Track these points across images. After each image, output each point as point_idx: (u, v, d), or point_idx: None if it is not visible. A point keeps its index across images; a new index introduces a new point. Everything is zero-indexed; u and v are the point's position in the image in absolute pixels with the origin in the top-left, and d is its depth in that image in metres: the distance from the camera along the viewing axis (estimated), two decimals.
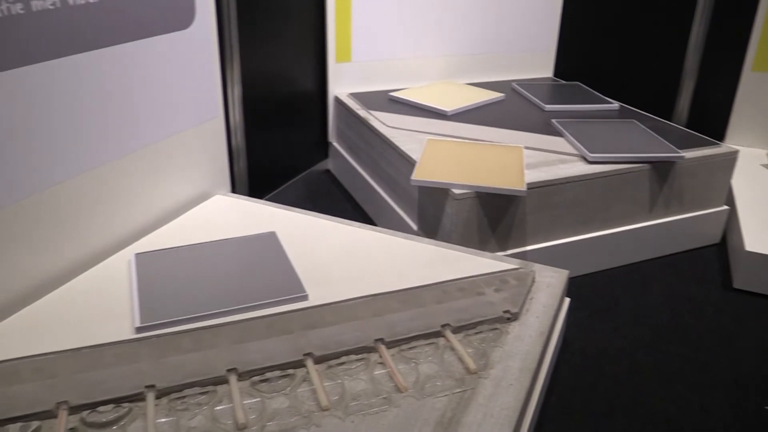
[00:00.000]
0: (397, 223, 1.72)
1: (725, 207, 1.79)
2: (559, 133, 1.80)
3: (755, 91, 2.18)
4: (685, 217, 1.74)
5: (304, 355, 0.98)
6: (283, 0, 1.92)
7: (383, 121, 1.89)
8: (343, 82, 2.19)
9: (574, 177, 1.54)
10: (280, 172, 2.11)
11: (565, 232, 1.60)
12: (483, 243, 1.50)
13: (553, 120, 1.89)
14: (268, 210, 1.47)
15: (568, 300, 1.31)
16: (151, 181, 1.36)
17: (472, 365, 0.98)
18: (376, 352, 1.00)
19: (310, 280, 1.17)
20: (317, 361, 0.98)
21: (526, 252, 1.56)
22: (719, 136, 2.24)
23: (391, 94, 2.13)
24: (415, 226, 1.63)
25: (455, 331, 1.06)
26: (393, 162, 1.74)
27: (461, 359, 0.99)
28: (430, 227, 1.55)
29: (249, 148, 1.87)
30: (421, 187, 1.55)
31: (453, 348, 1.02)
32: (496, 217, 1.48)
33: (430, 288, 1.16)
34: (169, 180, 1.41)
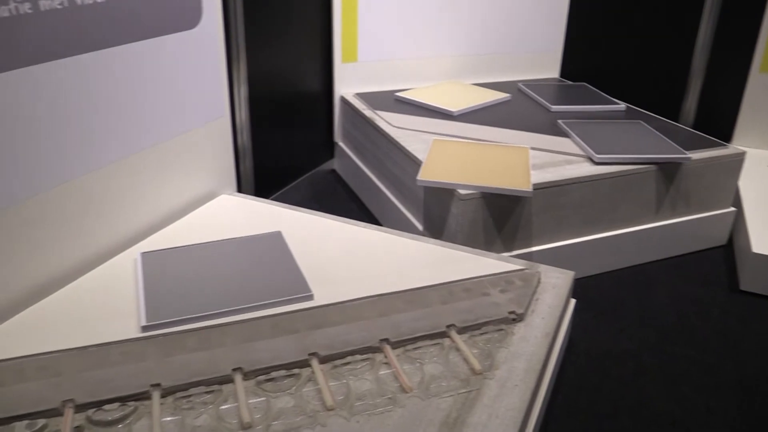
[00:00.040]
0: (402, 224, 1.72)
1: (732, 208, 1.79)
2: (566, 134, 1.80)
3: (763, 92, 2.17)
4: (692, 219, 1.73)
5: (309, 354, 0.98)
6: (290, 0, 1.93)
7: (389, 122, 1.89)
8: (349, 82, 2.19)
9: (580, 178, 1.53)
10: (286, 171, 2.11)
11: (571, 233, 1.59)
12: (488, 243, 1.49)
13: (560, 120, 1.88)
14: (273, 210, 1.47)
15: (573, 301, 1.31)
16: (157, 180, 1.37)
17: (477, 366, 0.97)
18: (382, 352, 1.01)
19: (315, 279, 1.17)
20: (322, 360, 0.98)
21: (531, 253, 1.55)
22: (726, 137, 2.23)
23: (397, 94, 2.13)
24: (420, 227, 1.63)
25: (460, 331, 1.06)
26: (399, 162, 1.74)
27: (466, 360, 0.99)
28: (436, 227, 1.55)
29: (255, 147, 1.87)
30: (426, 187, 1.55)
31: (458, 348, 1.02)
32: (501, 217, 1.48)
33: (436, 288, 1.16)
34: (176, 179, 1.42)
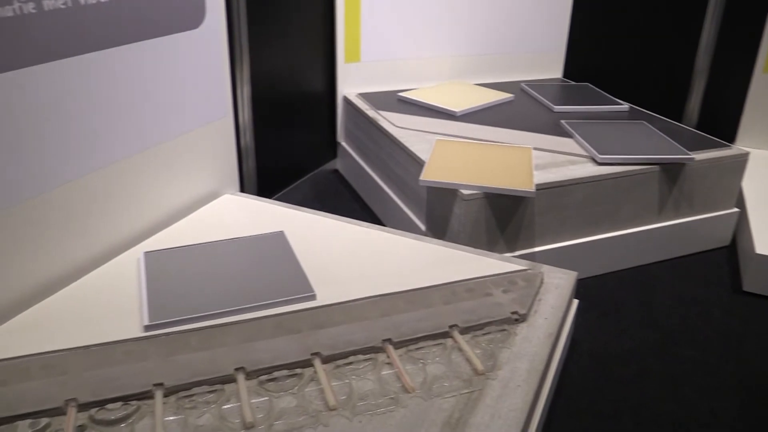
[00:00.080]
0: (405, 224, 1.72)
1: (735, 209, 1.78)
2: (569, 134, 1.80)
3: (766, 93, 2.16)
4: (695, 219, 1.73)
5: (311, 354, 0.98)
6: (293, 0, 1.93)
7: (392, 122, 1.89)
8: (352, 82, 2.19)
9: (583, 178, 1.53)
10: (289, 171, 2.12)
11: (573, 233, 1.59)
12: (491, 244, 1.49)
13: (563, 121, 1.88)
14: (276, 209, 1.47)
15: (576, 301, 1.31)
16: (160, 180, 1.37)
17: (479, 366, 0.97)
18: (384, 352, 1.01)
19: (318, 279, 1.17)
20: (325, 360, 0.98)
21: (534, 253, 1.55)
22: (730, 137, 2.23)
23: (400, 94, 2.13)
24: (423, 227, 1.63)
25: (463, 331, 1.06)
26: (402, 162, 1.74)
27: (469, 360, 0.99)
28: (439, 228, 1.55)
29: (258, 147, 1.87)
30: (429, 187, 1.55)
31: (461, 349, 1.02)
32: (504, 217, 1.48)
33: (438, 288, 1.16)
34: (178, 179, 1.42)
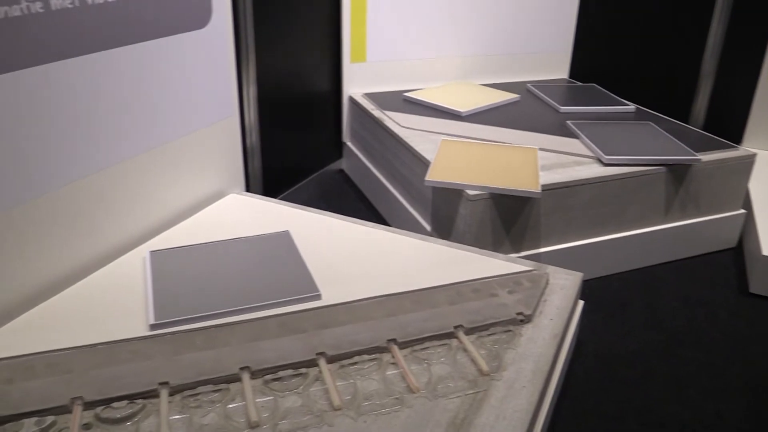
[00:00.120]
0: (410, 224, 1.72)
1: (742, 211, 1.78)
2: (575, 135, 1.79)
3: None
4: (702, 221, 1.72)
5: (316, 354, 0.98)
6: (299, 0, 1.93)
7: (397, 122, 1.89)
8: (358, 82, 2.19)
9: (589, 179, 1.53)
10: (295, 171, 2.12)
11: (579, 234, 1.59)
12: (497, 244, 1.49)
13: (568, 121, 1.88)
14: (281, 209, 1.47)
15: (581, 302, 1.31)
16: (166, 179, 1.37)
17: (484, 367, 0.97)
18: (389, 352, 1.00)
19: (323, 279, 1.17)
20: (330, 360, 0.98)
21: (540, 254, 1.55)
22: (737, 139, 2.22)
23: (406, 94, 2.13)
24: (428, 227, 1.63)
25: (468, 332, 1.06)
26: (407, 162, 1.74)
27: (474, 361, 0.99)
28: (444, 228, 1.54)
29: (263, 147, 1.87)
30: (434, 187, 1.55)
31: (466, 349, 1.02)
32: (510, 218, 1.48)
33: (444, 289, 1.16)
34: (184, 178, 1.42)
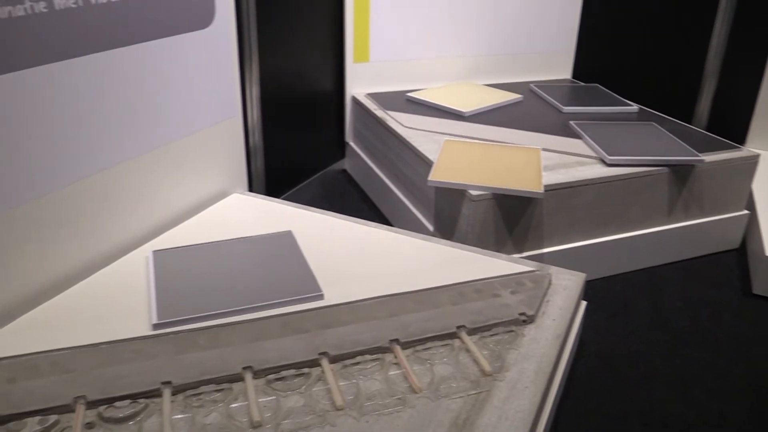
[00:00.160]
0: (413, 224, 1.72)
1: (745, 211, 1.77)
2: (578, 135, 1.79)
3: None
4: (705, 221, 1.72)
5: (319, 354, 0.98)
6: (302, 0, 1.93)
7: (400, 122, 1.89)
8: (361, 82, 2.19)
9: (592, 179, 1.53)
10: (297, 171, 2.12)
11: (582, 234, 1.59)
12: (499, 245, 1.49)
13: (571, 122, 1.88)
14: (284, 209, 1.47)
15: (584, 303, 1.31)
16: (169, 179, 1.37)
17: (487, 367, 0.97)
18: (391, 352, 1.00)
19: (325, 279, 1.17)
20: (332, 360, 0.98)
21: (542, 254, 1.55)
22: (740, 139, 2.22)
23: (409, 94, 2.13)
24: (431, 227, 1.63)
25: (471, 332, 1.05)
26: (410, 162, 1.74)
27: (476, 361, 0.99)
28: (447, 228, 1.54)
29: (266, 147, 1.87)
30: (437, 187, 1.55)
31: (468, 350, 1.02)
32: (512, 218, 1.48)
33: (446, 289, 1.16)
34: (188, 178, 1.42)
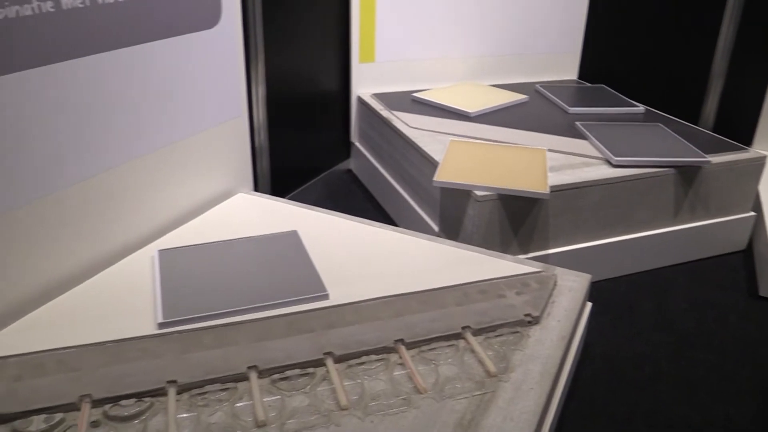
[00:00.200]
0: (418, 224, 1.71)
1: (752, 213, 1.77)
2: (583, 136, 1.79)
3: None
4: (711, 223, 1.71)
5: (324, 354, 0.98)
6: (309, 0, 1.93)
7: (406, 122, 1.88)
8: (367, 82, 2.19)
9: (597, 180, 1.52)
10: (303, 171, 2.12)
11: (588, 235, 1.58)
12: (505, 245, 1.49)
13: (577, 123, 1.87)
14: (289, 209, 1.47)
15: (590, 304, 1.30)
16: (175, 178, 1.37)
17: (492, 368, 0.97)
18: (396, 352, 1.00)
19: (331, 279, 1.17)
20: (337, 360, 0.98)
21: (548, 255, 1.55)
22: (747, 140, 2.21)
23: (414, 94, 2.13)
24: (436, 228, 1.63)
25: (476, 333, 1.05)
26: (415, 163, 1.74)
27: (481, 362, 0.99)
28: (452, 229, 1.54)
29: (272, 147, 1.88)
30: (443, 188, 1.55)
31: (473, 350, 1.01)
32: (518, 219, 1.48)
33: (451, 290, 1.16)
34: (193, 177, 1.43)
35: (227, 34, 1.43)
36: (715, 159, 1.64)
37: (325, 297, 1.13)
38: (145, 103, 1.26)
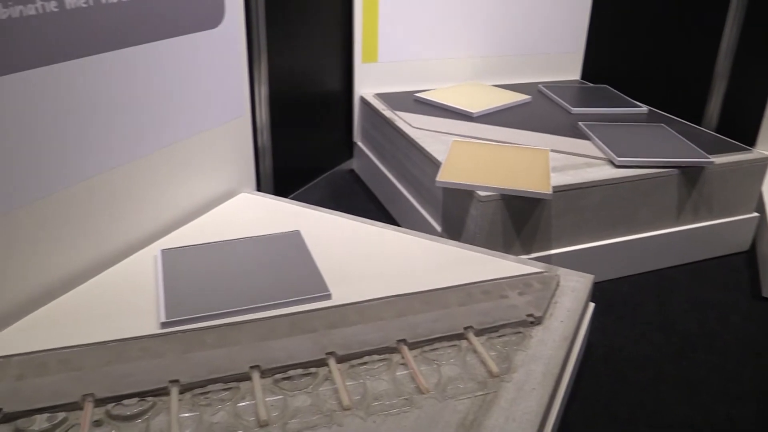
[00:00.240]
0: (421, 225, 1.71)
1: (755, 214, 1.76)
2: (586, 137, 1.78)
3: None
4: (714, 224, 1.71)
5: (326, 354, 0.98)
6: (311, 0, 1.93)
7: (408, 122, 1.88)
8: (369, 82, 2.19)
9: (600, 181, 1.52)
10: (305, 171, 2.12)
11: (590, 236, 1.58)
12: (507, 246, 1.49)
13: (580, 123, 1.87)
14: (292, 209, 1.47)
15: (592, 305, 1.30)
16: (178, 178, 1.38)
17: (494, 368, 0.97)
18: (399, 352, 1.00)
19: (333, 279, 1.17)
20: (340, 360, 0.98)
21: (550, 255, 1.54)
22: (750, 141, 2.20)
23: (417, 94, 2.12)
24: (439, 228, 1.63)
25: (478, 333, 1.05)
26: (418, 163, 1.74)
27: (484, 362, 0.99)
28: (455, 229, 1.54)
29: (275, 146, 1.88)
30: (445, 188, 1.55)
31: (476, 351, 1.01)
32: (520, 219, 1.48)
33: (454, 290, 1.16)
34: (196, 177, 1.43)
35: (230, 33, 1.43)
36: (719, 160, 1.63)
37: (328, 297, 1.13)
38: (148, 102, 1.26)
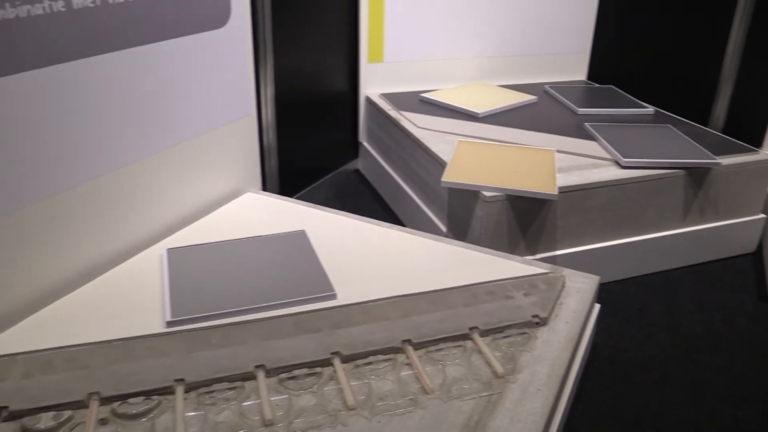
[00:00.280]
0: (426, 225, 1.71)
1: (762, 215, 1.76)
2: (592, 137, 1.78)
3: None
4: (720, 225, 1.71)
5: (331, 353, 0.98)
6: (317, 1, 1.93)
7: (414, 122, 1.88)
8: (375, 82, 2.19)
9: (606, 182, 1.52)
10: (311, 171, 2.12)
11: (596, 237, 1.58)
12: (513, 246, 1.49)
13: (586, 124, 1.87)
14: (298, 208, 1.48)
15: (598, 306, 1.30)
16: (184, 177, 1.38)
17: (499, 369, 0.97)
18: (404, 352, 1.00)
19: (338, 279, 1.17)
20: (344, 360, 0.98)
21: (556, 256, 1.54)
22: (757, 142, 2.19)
23: (423, 95, 2.12)
24: (444, 228, 1.63)
25: (483, 334, 1.05)
26: (423, 163, 1.74)
27: (489, 363, 0.99)
28: (460, 229, 1.54)
29: (280, 146, 1.88)
30: (451, 188, 1.55)
31: (480, 351, 1.01)
32: (526, 220, 1.47)
33: (459, 290, 1.16)
34: (202, 177, 1.43)
35: (236, 33, 1.43)
36: (725, 161, 1.63)
37: (333, 297, 1.13)
38: (154, 102, 1.26)
